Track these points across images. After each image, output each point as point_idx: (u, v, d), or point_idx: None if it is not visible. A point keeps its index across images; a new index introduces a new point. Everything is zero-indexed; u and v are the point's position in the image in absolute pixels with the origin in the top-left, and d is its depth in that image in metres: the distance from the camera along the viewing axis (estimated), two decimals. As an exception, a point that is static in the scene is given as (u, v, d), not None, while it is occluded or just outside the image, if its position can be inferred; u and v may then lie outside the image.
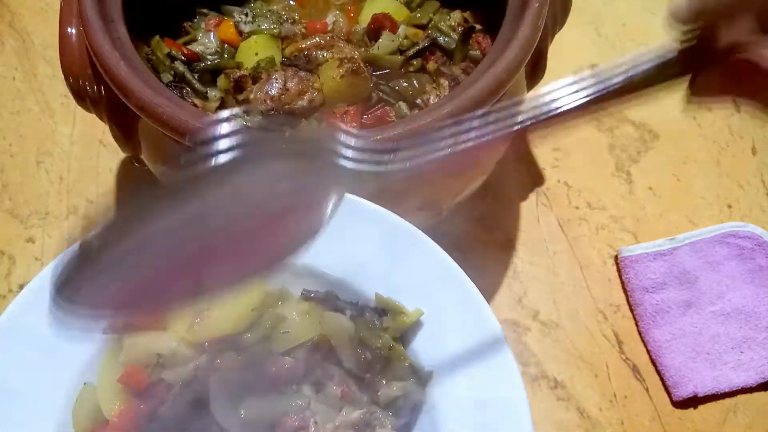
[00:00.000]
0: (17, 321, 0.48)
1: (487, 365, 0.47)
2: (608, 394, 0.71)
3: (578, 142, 0.86)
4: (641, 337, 0.74)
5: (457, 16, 0.72)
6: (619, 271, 0.77)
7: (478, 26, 0.71)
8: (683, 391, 0.70)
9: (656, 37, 0.95)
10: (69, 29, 0.60)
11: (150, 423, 0.47)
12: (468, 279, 0.49)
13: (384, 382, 0.48)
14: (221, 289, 0.36)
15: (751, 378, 0.71)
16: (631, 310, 0.75)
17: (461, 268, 0.50)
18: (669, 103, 0.89)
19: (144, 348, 0.47)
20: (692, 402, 0.71)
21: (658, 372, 0.72)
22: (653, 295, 0.74)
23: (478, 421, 0.46)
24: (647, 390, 0.71)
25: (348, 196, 0.50)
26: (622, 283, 0.77)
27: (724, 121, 0.88)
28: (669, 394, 0.71)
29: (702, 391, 0.70)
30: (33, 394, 0.47)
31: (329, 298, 0.50)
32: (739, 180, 0.84)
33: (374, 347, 0.48)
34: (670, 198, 0.83)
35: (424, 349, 0.49)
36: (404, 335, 0.50)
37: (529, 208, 0.81)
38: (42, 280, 0.49)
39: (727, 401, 0.71)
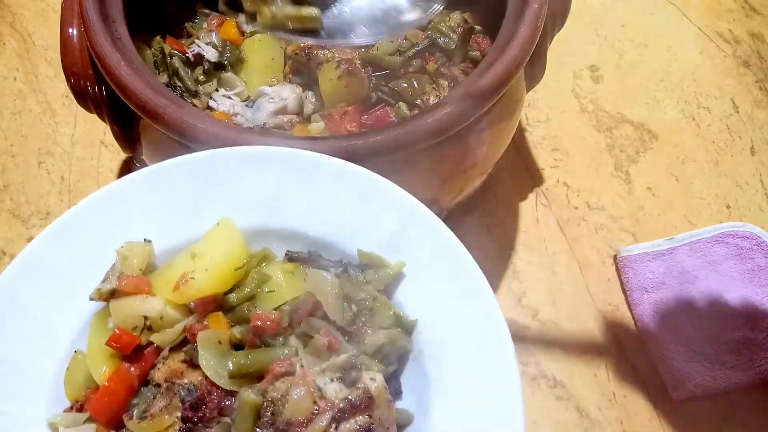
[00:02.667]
0: (7, 291, 0.48)
1: (470, 309, 0.48)
2: (607, 393, 0.71)
3: (577, 142, 0.86)
4: (640, 337, 0.74)
5: (456, 17, 0.72)
6: (618, 270, 0.78)
7: (477, 27, 0.71)
8: (682, 391, 0.70)
9: (655, 37, 0.95)
10: (70, 30, 0.60)
11: (141, 386, 0.47)
12: (448, 229, 0.50)
13: (370, 332, 0.49)
14: None
15: (749, 377, 0.71)
16: (630, 310, 0.75)
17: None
18: (668, 104, 0.90)
19: (131, 311, 0.47)
20: (691, 401, 0.71)
21: (657, 371, 0.72)
22: (652, 294, 0.74)
23: (464, 364, 0.47)
24: (646, 389, 0.71)
25: (324, 157, 0.51)
26: (621, 282, 0.77)
27: (723, 121, 0.89)
28: (668, 393, 0.71)
29: (700, 391, 0.70)
30: (25, 364, 0.47)
31: (312, 257, 0.51)
32: (738, 180, 0.84)
33: (359, 299, 0.50)
34: (669, 198, 0.83)
35: (408, 299, 0.51)
36: (388, 287, 0.51)
37: (528, 208, 0.82)
38: (30, 251, 0.49)
39: (726, 401, 0.71)
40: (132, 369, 0.47)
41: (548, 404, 0.70)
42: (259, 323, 0.47)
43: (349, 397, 0.44)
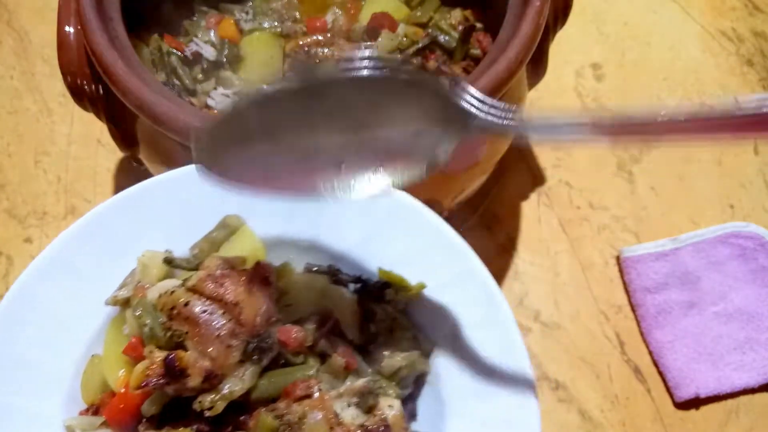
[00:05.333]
0: (28, 289, 0.48)
1: (489, 335, 0.47)
2: (610, 395, 0.70)
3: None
4: (643, 338, 0.73)
5: (457, 14, 0.71)
6: (621, 271, 0.77)
7: (478, 24, 0.70)
8: (685, 392, 0.69)
9: (658, 35, 0.94)
10: (67, 28, 0.60)
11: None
12: (472, 252, 0.49)
13: (387, 353, 0.48)
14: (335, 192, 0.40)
15: (753, 379, 0.70)
16: (633, 311, 0.75)
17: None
18: (671, 102, 0.89)
19: None
20: (694, 403, 0.70)
21: (660, 373, 0.71)
22: (655, 295, 0.74)
23: (481, 391, 0.46)
24: (649, 391, 0.71)
25: None
26: (624, 283, 0.76)
27: (726, 120, 0.88)
28: (671, 395, 0.70)
29: (704, 392, 0.69)
30: (43, 365, 0.47)
31: (332, 271, 0.51)
32: (741, 180, 0.83)
33: (377, 319, 0.49)
34: (672, 198, 0.82)
35: (427, 321, 0.50)
36: (407, 308, 0.50)
37: (530, 207, 0.81)
38: (52, 251, 0.49)
39: (729, 402, 0.70)
40: None
41: (550, 407, 0.69)
42: (284, 338, 0.46)
43: (366, 424, 0.44)
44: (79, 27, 0.58)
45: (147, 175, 0.66)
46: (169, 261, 0.49)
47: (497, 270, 0.76)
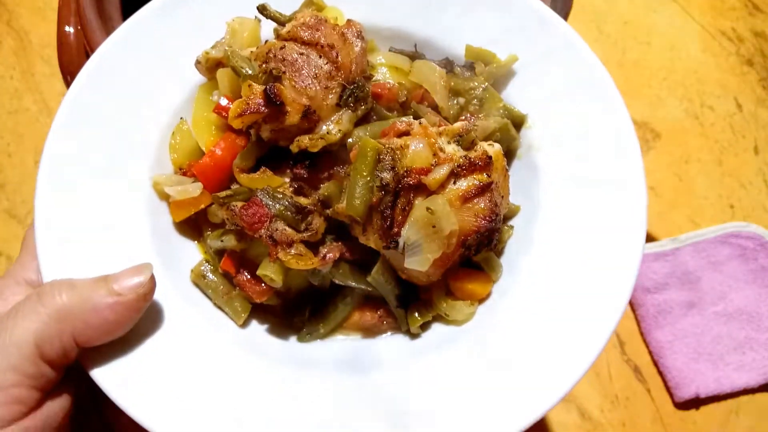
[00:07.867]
0: (108, 62, 0.48)
1: (588, 102, 0.47)
2: (610, 395, 0.70)
3: (579, 141, 0.86)
4: (643, 338, 0.73)
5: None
6: (620, 271, 0.77)
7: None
8: (685, 392, 0.69)
9: (658, 35, 0.94)
10: (67, 28, 0.60)
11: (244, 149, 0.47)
12: (566, 23, 0.48)
13: (480, 117, 0.49)
14: None
15: (753, 379, 0.70)
16: (634, 311, 0.75)
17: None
18: (671, 102, 0.89)
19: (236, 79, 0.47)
20: (694, 403, 0.70)
21: (660, 373, 0.71)
22: (655, 295, 0.74)
23: (579, 156, 0.46)
24: (649, 391, 0.71)
25: None
26: (624, 283, 0.76)
27: (726, 120, 0.88)
28: (671, 395, 0.70)
29: (704, 392, 0.69)
30: (130, 129, 0.48)
31: (417, 55, 0.51)
32: (741, 180, 0.83)
33: (467, 89, 0.49)
34: (672, 198, 0.82)
35: (519, 95, 0.49)
36: (497, 84, 0.50)
37: (530, 207, 0.81)
38: (132, 23, 0.49)
39: (729, 402, 0.70)
40: (236, 140, 0.47)
41: (550, 406, 0.69)
42: (379, 90, 0.47)
43: (469, 155, 0.43)
44: (79, 27, 0.58)
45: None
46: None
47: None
